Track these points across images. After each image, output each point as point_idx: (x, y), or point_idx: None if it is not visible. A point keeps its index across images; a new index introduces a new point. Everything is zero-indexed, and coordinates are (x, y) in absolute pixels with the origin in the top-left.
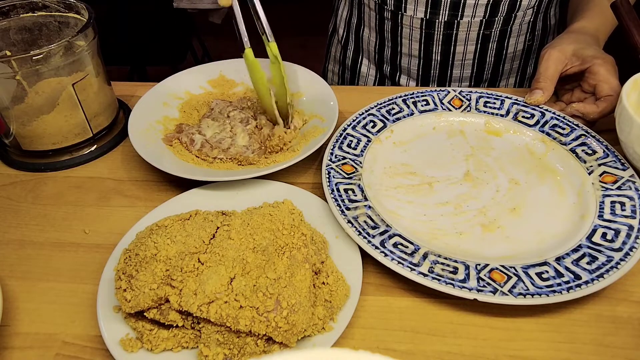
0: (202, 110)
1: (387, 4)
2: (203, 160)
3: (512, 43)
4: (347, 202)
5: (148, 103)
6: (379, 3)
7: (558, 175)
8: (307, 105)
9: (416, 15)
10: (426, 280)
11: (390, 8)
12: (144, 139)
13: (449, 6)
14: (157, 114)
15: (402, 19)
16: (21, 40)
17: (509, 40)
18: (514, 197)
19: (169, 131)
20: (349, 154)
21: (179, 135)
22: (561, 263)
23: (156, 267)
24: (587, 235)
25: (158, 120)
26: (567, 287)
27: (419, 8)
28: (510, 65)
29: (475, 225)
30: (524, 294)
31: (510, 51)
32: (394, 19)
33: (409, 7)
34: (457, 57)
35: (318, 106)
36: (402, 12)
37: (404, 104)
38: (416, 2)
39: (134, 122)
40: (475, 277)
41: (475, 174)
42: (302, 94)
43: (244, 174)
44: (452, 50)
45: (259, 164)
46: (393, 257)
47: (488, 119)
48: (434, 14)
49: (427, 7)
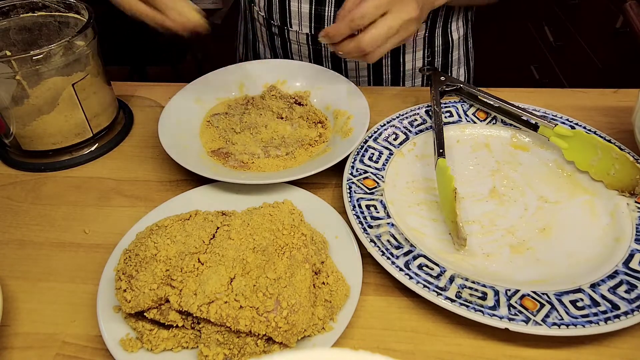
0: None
1: (274, 19)
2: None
3: (408, 59)
4: (369, 220)
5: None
6: (266, 18)
7: (589, 194)
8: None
9: (301, 30)
10: (454, 306)
11: (277, 23)
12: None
13: (333, 21)
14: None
15: (288, 34)
16: (21, 40)
17: (404, 56)
18: (543, 216)
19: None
20: (371, 167)
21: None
22: (597, 290)
23: (156, 267)
24: (624, 260)
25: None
26: (605, 317)
27: (303, 23)
28: (412, 83)
29: (504, 246)
30: (559, 324)
31: (408, 68)
32: (281, 34)
33: (293, 22)
34: (350, 73)
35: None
36: (288, 28)
37: (426, 115)
38: (300, 17)
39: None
40: (505, 304)
41: (502, 190)
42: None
43: (259, 179)
44: (344, 67)
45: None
46: (418, 280)
47: (514, 132)
48: (318, 29)
49: (311, 22)
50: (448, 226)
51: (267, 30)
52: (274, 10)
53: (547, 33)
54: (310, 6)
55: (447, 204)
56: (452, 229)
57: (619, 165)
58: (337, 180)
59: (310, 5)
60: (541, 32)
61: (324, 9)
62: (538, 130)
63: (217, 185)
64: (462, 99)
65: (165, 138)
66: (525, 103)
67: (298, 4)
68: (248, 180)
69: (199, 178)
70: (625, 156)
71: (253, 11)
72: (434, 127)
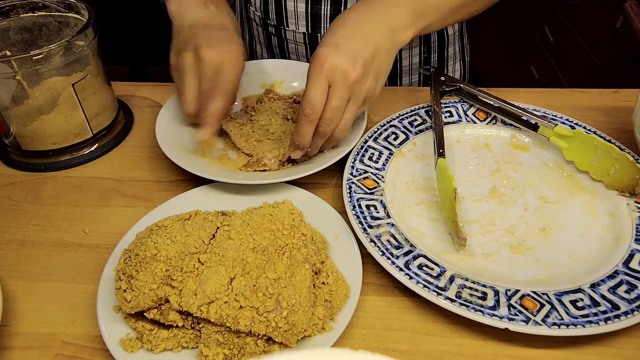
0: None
1: (270, 18)
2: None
3: (404, 56)
4: (369, 220)
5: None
6: (262, 18)
7: (589, 194)
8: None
9: (298, 29)
10: (454, 306)
11: (273, 23)
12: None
13: (330, 19)
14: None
15: (285, 34)
16: (21, 40)
17: (401, 53)
18: (543, 216)
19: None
20: (371, 167)
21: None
22: (597, 290)
23: (156, 267)
24: (624, 260)
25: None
26: (605, 317)
27: (300, 22)
28: (409, 79)
29: (504, 246)
30: (559, 324)
31: (405, 65)
32: (278, 34)
33: (290, 21)
34: None
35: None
36: (285, 27)
37: (426, 115)
38: (297, 17)
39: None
40: (505, 304)
41: (502, 190)
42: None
43: (260, 179)
44: None
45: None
46: (418, 280)
47: (514, 132)
48: (315, 28)
49: (307, 22)
50: (448, 226)
51: (263, 30)
52: (270, 10)
53: (547, 33)
54: (306, 5)
55: (447, 204)
56: (452, 229)
57: (619, 165)
58: (337, 180)
59: (306, 4)
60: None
61: (320, 8)
62: (538, 130)
63: (217, 185)
64: (462, 99)
65: (163, 138)
66: (525, 103)
67: (294, 3)
68: (248, 180)
69: (199, 178)
70: (625, 156)
71: (249, 11)
72: (434, 127)
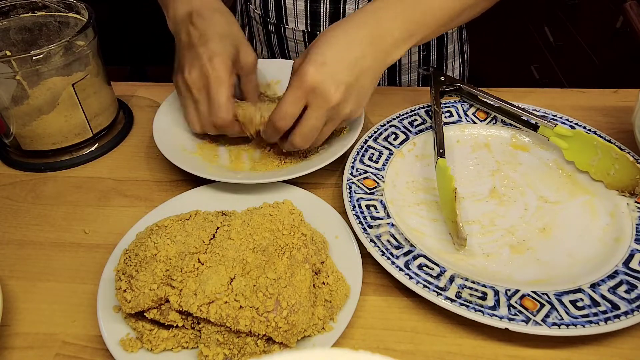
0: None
1: (270, 16)
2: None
3: (403, 54)
4: (369, 220)
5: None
6: (262, 16)
7: (589, 194)
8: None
9: (298, 27)
10: (454, 306)
11: (273, 21)
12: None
13: (329, 17)
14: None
15: (285, 31)
16: (21, 40)
17: None
18: (543, 216)
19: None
20: (371, 167)
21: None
22: (597, 290)
23: (156, 267)
24: (624, 260)
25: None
26: (605, 317)
27: (299, 20)
28: (408, 77)
29: (504, 246)
30: (559, 324)
31: (404, 62)
32: (277, 32)
33: (289, 19)
34: None
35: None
36: (284, 25)
37: (426, 115)
38: (296, 15)
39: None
40: (505, 304)
41: (502, 190)
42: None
43: (260, 178)
44: None
45: (272, 165)
46: (418, 280)
47: (514, 132)
48: (315, 26)
49: (307, 20)
50: (448, 226)
51: (263, 28)
52: (270, 8)
53: (547, 33)
54: (305, 3)
55: (447, 204)
56: (452, 229)
57: (619, 165)
58: (337, 180)
59: (306, 2)
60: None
61: (319, 6)
62: (538, 130)
63: (217, 185)
64: (462, 99)
65: (161, 139)
66: (525, 103)
67: (294, 1)
68: (248, 180)
69: (199, 178)
70: (625, 156)
71: (249, 9)
72: (434, 127)
